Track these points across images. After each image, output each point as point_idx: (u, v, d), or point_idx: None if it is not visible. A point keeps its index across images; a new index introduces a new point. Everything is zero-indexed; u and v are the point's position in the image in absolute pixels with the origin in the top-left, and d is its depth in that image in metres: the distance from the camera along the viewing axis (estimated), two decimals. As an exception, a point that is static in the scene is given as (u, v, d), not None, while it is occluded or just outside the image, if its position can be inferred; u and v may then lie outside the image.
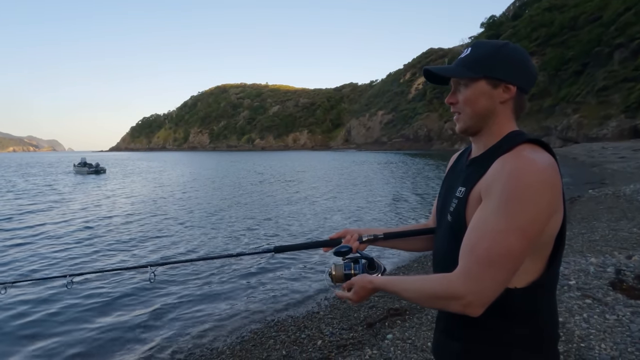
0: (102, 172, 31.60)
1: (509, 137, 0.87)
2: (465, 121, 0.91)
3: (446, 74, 0.92)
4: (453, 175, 1.01)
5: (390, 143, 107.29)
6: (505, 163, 0.78)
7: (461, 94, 0.90)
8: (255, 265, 6.38)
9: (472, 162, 0.92)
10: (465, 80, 0.89)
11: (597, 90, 46.07)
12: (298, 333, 3.58)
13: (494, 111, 0.88)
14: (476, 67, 0.87)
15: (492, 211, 0.75)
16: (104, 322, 4.36)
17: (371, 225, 8.63)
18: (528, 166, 0.74)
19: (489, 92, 0.87)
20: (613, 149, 27.69)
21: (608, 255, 4.36)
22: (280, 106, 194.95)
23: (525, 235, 0.73)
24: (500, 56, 0.86)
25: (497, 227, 0.74)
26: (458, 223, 0.86)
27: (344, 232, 1.12)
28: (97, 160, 38.55)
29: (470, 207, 0.84)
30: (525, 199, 0.72)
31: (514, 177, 0.74)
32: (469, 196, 0.85)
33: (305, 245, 1.12)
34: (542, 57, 67.54)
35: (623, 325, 2.66)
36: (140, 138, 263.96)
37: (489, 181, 0.79)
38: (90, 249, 7.53)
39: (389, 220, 10.33)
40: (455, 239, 0.84)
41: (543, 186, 0.73)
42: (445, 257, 0.91)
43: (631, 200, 8.20)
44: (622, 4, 53.81)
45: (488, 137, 0.90)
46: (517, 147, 0.80)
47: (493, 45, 0.89)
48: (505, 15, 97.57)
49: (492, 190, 0.77)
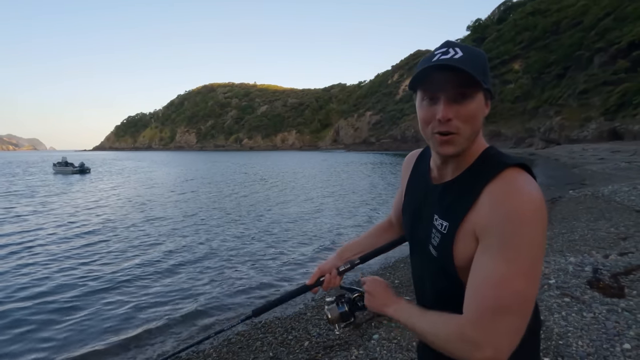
0: (87, 172, 30.85)
1: (487, 156, 0.79)
2: (461, 143, 0.76)
3: (476, 77, 0.71)
4: (418, 187, 0.94)
5: (379, 143, 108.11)
6: (499, 198, 0.70)
7: (463, 108, 0.73)
8: (241, 267, 6.35)
9: (448, 188, 0.82)
10: (470, 91, 0.73)
11: (578, 93, 47.50)
12: (285, 334, 3.59)
13: (480, 129, 0.78)
14: (479, 75, 0.72)
15: (495, 256, 0.69)
16: (82, 323, 4.28)
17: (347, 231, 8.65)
18: (526, 203, 0.68)
19: (483, 106, 0.76)
20: (593, 150, 28.56)
21: (586, 254, 4.50)
22: (268, 106, 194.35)
23: (531, 276, 0.69)
24: (487, 63, 0.77)
25: (501, 274, 0.68)
26: (447, 259, 0.79)
27: (320, 271, 1.06)
28: (81, 159, 37.56)
29: (460, 243, 0.76)
30: (527, 241, 0.68)
31: (514, 218, 0.67)
32: (456, 233, 0.76)
33: (285, 299, 1.08)
34: (526, 60, 69.25)
35: (599, 322, 2.76)
36: (126, 137, 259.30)
37: (484, 220, 0.71)
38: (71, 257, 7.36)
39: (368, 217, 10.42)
40: (446, 274, 0.81)
41: (541, 222, 0.69)
42: (440, 294, 0.87)
43: (609, 200, 8.47)
44: (602, 9, 55.59)
45: (461, 157, 0.79)
46: (505, 172, 0.73)
47: (481, 52, 0.78)
48: (491, 18, 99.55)
49: (490, 233, 0.70)
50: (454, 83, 0.73)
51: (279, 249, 7.39)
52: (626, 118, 36.82)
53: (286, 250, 7.32)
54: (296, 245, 7.74)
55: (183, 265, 6.38)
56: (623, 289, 3.24)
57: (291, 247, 7.60)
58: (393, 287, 3.66)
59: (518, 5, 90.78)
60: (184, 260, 6.65)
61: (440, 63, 0.72)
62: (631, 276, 3.46)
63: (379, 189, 17.80)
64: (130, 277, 5.81)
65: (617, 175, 14.68)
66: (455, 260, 0.77)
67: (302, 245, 7.80)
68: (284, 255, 6.98)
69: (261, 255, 6.93)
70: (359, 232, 8.92)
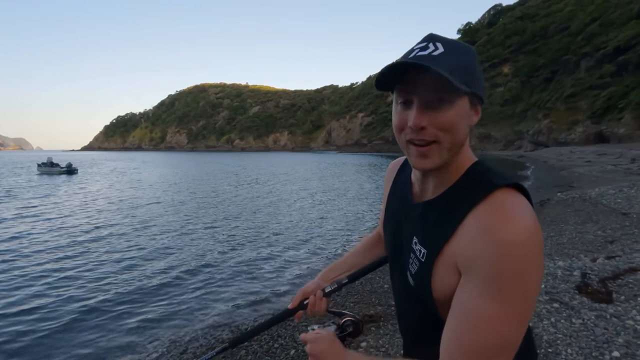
0: (75, 173, 30.22)
1: (473, 173, 0.66)
2: (440, 155, 0.64)
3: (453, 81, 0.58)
4: (399, 202, 0.83)
5: (370, 145, 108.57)
6: (485, 226, 0.58)
7: (439, 115, 0.61)
8: (227, 272, 6.24)
9: (428, 208, 0.70)
10: (449, 95, 0.61)
11: (565, 97, 48.39)
12: (271, 342, 3.49)
13: (465, 140, 0.66)
14: (462, 76, 0.60)
15: (480, 294, 0.57)
16: (63, 337, 4.12)
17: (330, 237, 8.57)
18: (518, 233, 0.56)
19: (468, 113, 0.64)
20: (580, 153, 29.09)
21: (575, 258, 4.51)
22: (260, 107, 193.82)
23: (522, 318, 0.58)
24: (476, 63, 0.65)
25: (487, 315, 0.57)
26: (424, 290, 0.69)
27: (302, 294, 0.95)
28: (68, 159, 36.80)
29: (438, 276, 0.65)
30: (519, 279, 0.56)
31: (504, 251, 0.55)
32: (435, 262, 0.65)
33: (266, 326, 0.96)
34: (515, 63, 70.35)
35: (588, 329, 2.73)
36: (115, 137, 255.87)
37: (467, 252, 0.60)
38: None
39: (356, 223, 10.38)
40: (424, 307, 0.71)
41: (536, 256, 0.57)
42: (418, 326, 0.78)
43: (596, 203, 8.57)
44: (588, 15, 56.82)
45: (443, 171, 0.67)
46: (493, 195, 0.60)
47: (467, 46, 0.66)
48: (481, 22, 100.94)
49: (475, 267, 0.59)
50: (429, 85, 0.60)
51: (268, 260, 7.25)
52: (612, 121, 37.65)
53: (275, 261, 7.21)
54: (285, 254, 7.65)
55: (166, 285, 5.66)
56: (611, 294, 3.23)
57: (278, 255, 7.51)
58: (382, 292, 3.56)
59: (507, 9, 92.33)
60: (167, 278, 5.90)
61: (410, 61, 0.60)
62: (619, 281, 3.46)
63: (366, 190, 17.81)
64: (106, 290, 5.52)
65: (603, 178, 14.92)
66: (434, 293, 0.67)
67: (293, 253, 7.70)
68: (272, 266, 6.88)
69: (249, 267, 6.64)
70: (357, 237, 8.87)
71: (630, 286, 3.32)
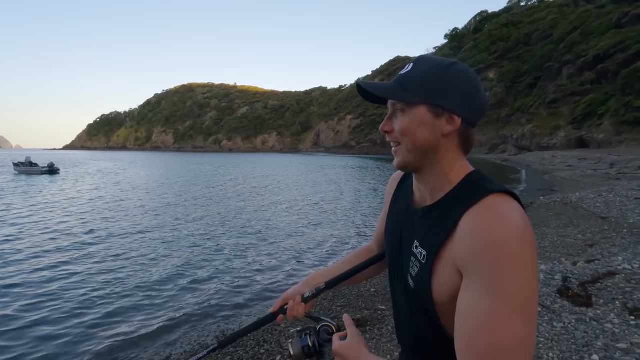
0: (57, 173, 29.36)
1: (469, 182, 0.72)
2: (404, 155, 0.74)
3: (381, 94, 0.74)
4: (400, 210, 0.87)
5: (359, 147, 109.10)
6: (479, 226, 0.62)
7: (398, 121, 0.74)
8: (213, 275, 6.16)
9: (427, 212, 0.75)
10: (402, 105, 0.72)
11: (548, 103, 49.65)
12: (257, 348, 3.46)
13: (437, 146, 0.72)
14: (417, 89, 0.71)
15: (482, 294, 0.60)
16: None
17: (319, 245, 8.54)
18: (510, 231, 0.60)
19: (431, 122, 0.71)
20: (561, 157, 29.87)
21: (556, 261, 4.61)
22: (248, 107, 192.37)
23: (528, 315, 0.59)
24: (446, 79, 0.71)
25: (494, 315, 0.58)
26: (424, 292, 0.72)
27: (283, 299, 0.99)
28: (51, 159, 35.70)
29: (438, 277, 0.69)
30: (515, 273, 0.59)
31: (497, 248, 0.59)
32: (434, 263, 0.69)
33: (250, 329, 1.00)
34: (500, 69, 71.84)
35: (569, 332, 2.79)
36: (99, 136, 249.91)
37: (464, 250, 0.64)
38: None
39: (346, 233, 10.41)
40: (423, 309, 0.73)
41: (529, 253, 0.60)
42: (411, 329, 0.81)
43: (577, 207, 8.81)
44: (569, 23, 58.51)
45: (435, 177, 0.74)
46: (486, 199, 0.65)
47: (439, 63, 0.73)
48: (467, 28, 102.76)
49: (473, 267, 0.62)
50: (387, 99, 0.75)
51: (252, 264, 7.20)
52: (592, 127, 38.80)
53: (259, 265, 7.16)
54: (270, 259, 7.60)
55: (149, 289, 5.55)
56: (591, 297, 3.31)
57: (263, 259, 7.45)
58: (369, 296, 3.56)
59: (493, 16, 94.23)
60: (150, 282, 5.79)
61: (356, 82, 0.77)
62: (598, 284, 3.55)
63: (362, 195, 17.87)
64: (95, 296, 5.38)
65: (583, 182, 15.36)
66: (434, 295, 0.70)
67: (279, 258, 7.66)
68: (257, 269, 6.82)
69: (234, 271, 6.67)
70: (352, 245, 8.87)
71: (609, 290, 3.41)
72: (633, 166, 18.65)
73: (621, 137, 33.49)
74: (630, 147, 30.07)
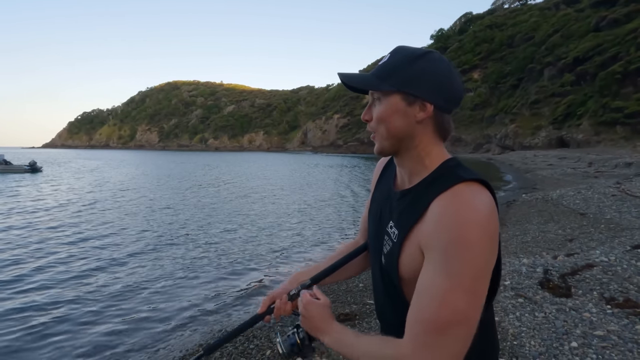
0: (39, 171, 28.46)
1: (444, 168, 0.75)
2: (380, 142, 0.78)
3: (358, 85, 0.78)
4: (382, 192, 0.91)
5: (346, 146, 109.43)
6: (444, 211, 0.67)
7: (375, 110, 0.78)
8: (201, 271, 6.12)
9: (404, 196, 0.79)
10: (378, 94, 0.77)
11: (530, 103, 50.84)
12: (247, 344, 3.46)
13: (411, 132, 0.75)
14: (390, 79, 0.74)
15: (435, 271, 0.66)
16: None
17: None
18: (469, 216, 0.64)
19: (404, 109, 0.74)
20: (543, 156, 30.69)
21: (538, 255, 4.77)
22: (235, 106, 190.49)
23: (473, 295, 0.64)
24: (416, 68, 0.74)
25: (441, 289, 0.64)
26: (391, 269, 0.77)
27: (270, 298, 0.98)
28: (31, 157, 34.38)
29: (405, 255, 0.74)
30: (469, 257, 0.63)
31: (454, 230, 0.64)
32: (403, 243, 0.74)
33: (237, 332, 0.98)
34: (485, 70, 73.21)
35: (549, 322, 2.90)
36: (80, 134, 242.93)
37: (428, 232, 0.69)
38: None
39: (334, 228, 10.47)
40: (390, 285, 0.79)
41: (485, 239, 0.64)
42: (384, 306, 0.86)
43: (557, 204, 9.09)
44: (551, 26, 60.09)
45: (412, 162, 0.78)
46: (458, 185, 0.69)
47: (411, 53, 0.75)
48: (452, 29, 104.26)
49: (432, 245, 0.67)
50: (364, 89, 0.79)
51: (237, 265, 7.14)
52: (571, 127, 39.95)
53: (245, 265, 7.12)
54: (255, 258, 7.58)
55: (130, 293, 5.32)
56: (570, 288, 3.44)
57: (248, 259, 7.43)
58: (358, 291, 3.62)
59: (478, 17, 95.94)
60: (132, 286, 5.54)
61: (341, 74, 0.80)
62: (577, 276, 3.69)
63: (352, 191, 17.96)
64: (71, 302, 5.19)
65: (564, 180, 15.84)
66: (400, 271, 0.75)
67: (264, 257, 7.65)
68: (241, 271, 6.79)
69: (217, 272, 6.39)
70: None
71: (587, 281, 3.55)
72: (610, 165, 19.34)
73: (599, 137, 34.59)
74: (608, 146, 31.11)
